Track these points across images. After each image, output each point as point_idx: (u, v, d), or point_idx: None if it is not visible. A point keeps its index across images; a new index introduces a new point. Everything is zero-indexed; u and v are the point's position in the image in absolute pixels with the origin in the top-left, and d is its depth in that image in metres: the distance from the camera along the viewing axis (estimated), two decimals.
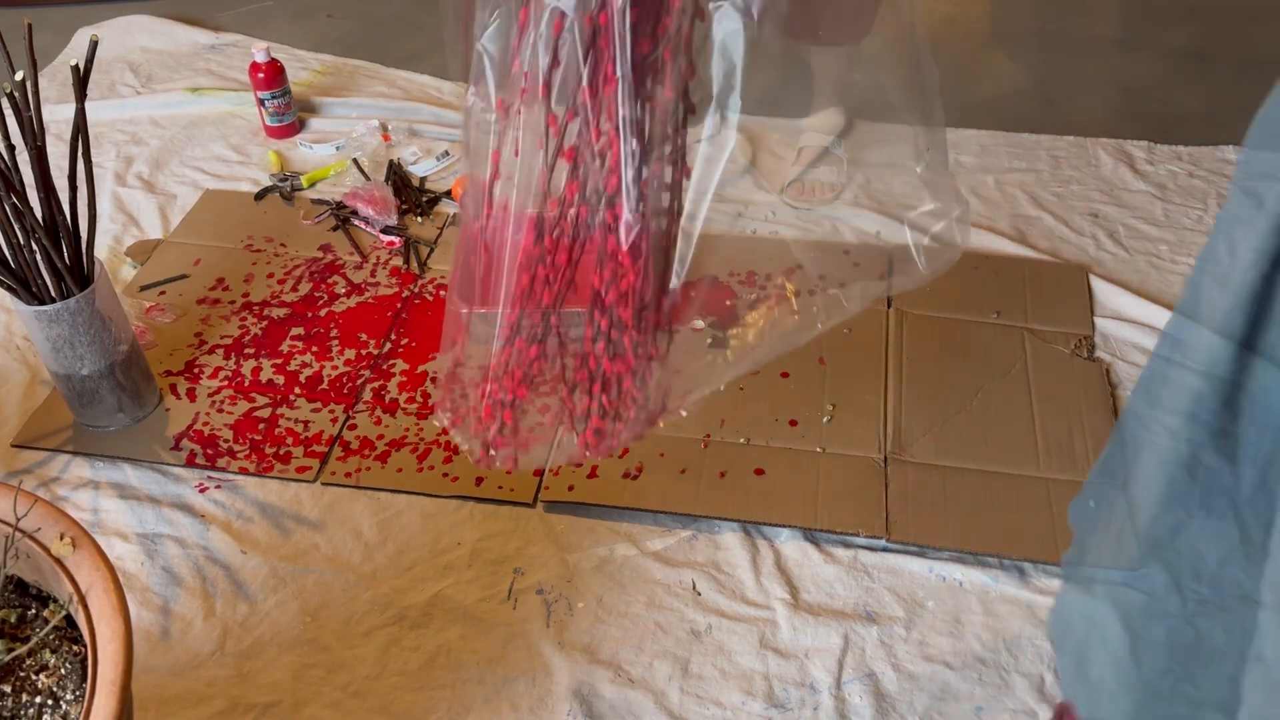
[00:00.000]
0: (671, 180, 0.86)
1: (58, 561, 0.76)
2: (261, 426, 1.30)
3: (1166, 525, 0.68)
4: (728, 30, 0.76)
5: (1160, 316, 1.43)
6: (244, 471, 1.25)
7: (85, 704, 0.68)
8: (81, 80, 1.08)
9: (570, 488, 1.22)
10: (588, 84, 0.77)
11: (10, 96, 1.05)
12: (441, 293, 1.50)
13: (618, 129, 0.77)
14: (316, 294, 1.50)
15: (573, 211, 0.84)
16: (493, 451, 0.97)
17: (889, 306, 1.45)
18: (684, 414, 0.97)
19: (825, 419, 1.30)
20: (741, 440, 1.27)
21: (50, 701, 0.73)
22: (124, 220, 1.65)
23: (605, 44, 0.75)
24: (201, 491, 1.23)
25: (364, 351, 1.41)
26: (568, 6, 0.75)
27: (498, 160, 0.83)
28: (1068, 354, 1.39)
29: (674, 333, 0.93)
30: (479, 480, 1.23)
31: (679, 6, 0.76)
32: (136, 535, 1.18)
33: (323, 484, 1.24)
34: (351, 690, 1.04)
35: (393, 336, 1.43)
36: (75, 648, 0.77)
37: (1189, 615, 0.68)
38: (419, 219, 1.65)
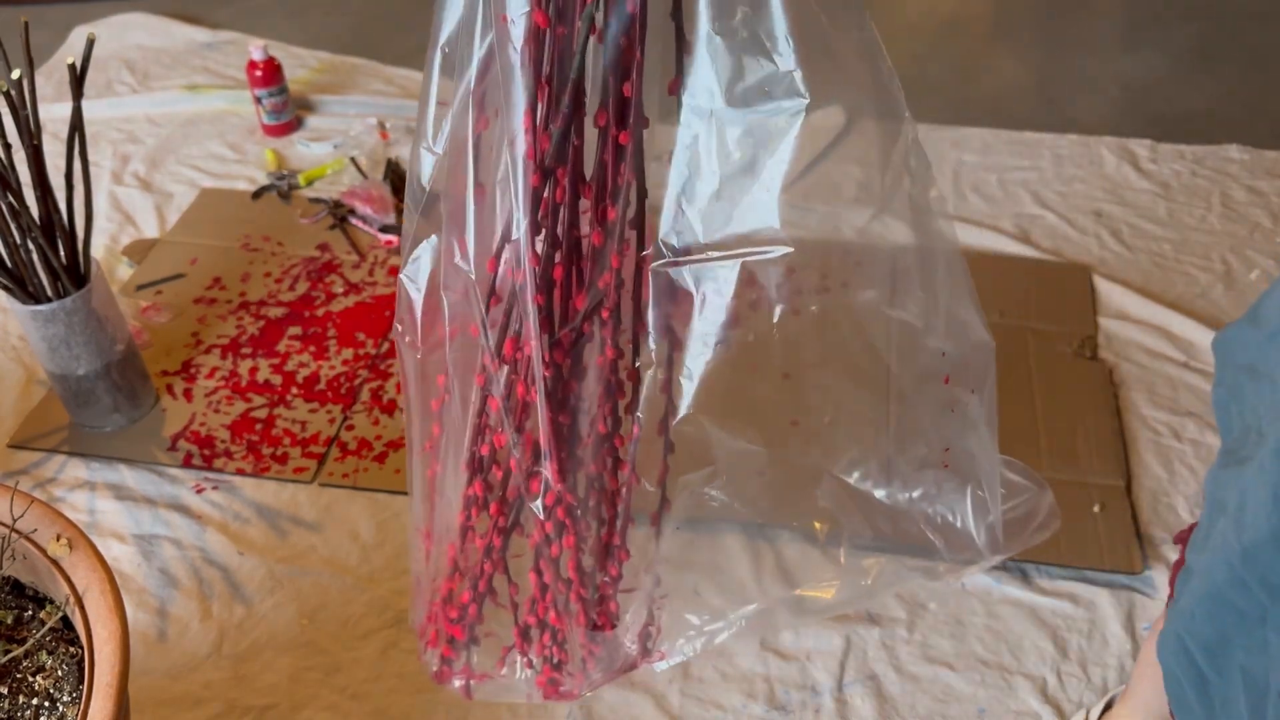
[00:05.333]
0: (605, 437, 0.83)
1: (54, 563, 0.75)
2: (258, 427, 1.29)
3: None
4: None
5: (1164, 316, 1.43)
6: (241, 472, 1.24)
7: (82, 706, 0.68)
8: (78, 78, 1.07)
9: None
10: (510, 336, 0.75)
11: (6, 95, 1.04)
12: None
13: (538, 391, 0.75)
14: (314, 293, 1.49)
15: (500, 474, 0.82)
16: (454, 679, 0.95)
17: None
18: (666, 664, 0.96)
19: (827, 418, 1.29)
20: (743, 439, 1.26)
21: (47, 703, 0.73)
22: (120, 219, 1.64)
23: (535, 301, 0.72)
24: (198, 492, 1.22)
25: (362, 351, 1.40)
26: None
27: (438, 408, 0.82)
28: (1071, 354, 1.38)
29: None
30: None
31: (618, 265, 0.74)
32: (133, 536, 1.17)
33: (320, 485, 1.23)
34: (349, 693, 1.03)
35: (390, 336, 1.42)
36: (72, 649, 0.76)
37: None
38: None
